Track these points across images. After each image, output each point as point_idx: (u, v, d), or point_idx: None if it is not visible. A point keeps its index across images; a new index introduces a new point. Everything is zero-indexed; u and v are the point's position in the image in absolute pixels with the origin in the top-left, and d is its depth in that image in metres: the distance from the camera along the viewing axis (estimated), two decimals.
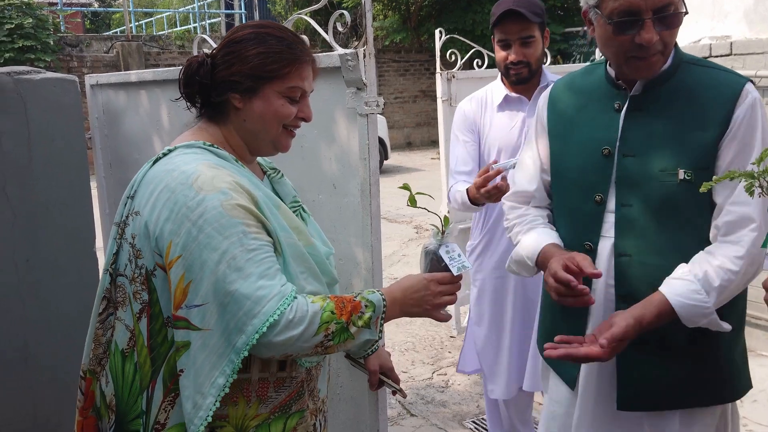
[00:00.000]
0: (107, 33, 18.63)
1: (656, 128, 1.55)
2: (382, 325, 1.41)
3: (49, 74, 2.32)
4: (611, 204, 1.61)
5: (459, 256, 1.51)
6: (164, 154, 1.41)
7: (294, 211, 1.56)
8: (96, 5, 23.50)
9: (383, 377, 1.74)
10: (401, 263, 6.43)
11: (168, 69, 2.80)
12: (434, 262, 1.52)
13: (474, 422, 3.41)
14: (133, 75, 3.03)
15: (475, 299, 2.81)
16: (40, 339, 2.30)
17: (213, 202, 1.28)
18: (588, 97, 1.69)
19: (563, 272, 1.51)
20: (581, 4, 1.61)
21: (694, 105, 1.52)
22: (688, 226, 1.53)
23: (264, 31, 1.42)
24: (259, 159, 1.61)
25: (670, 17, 1.48)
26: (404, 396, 1.80)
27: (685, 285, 1.47)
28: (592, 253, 1.64)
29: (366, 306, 1.38)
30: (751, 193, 1.19)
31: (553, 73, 2.69)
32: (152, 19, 20.72)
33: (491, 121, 2.61)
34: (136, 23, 19.36)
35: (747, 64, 3.82)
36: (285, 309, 1.26)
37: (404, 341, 4.49)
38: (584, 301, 1.53)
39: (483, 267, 2.75)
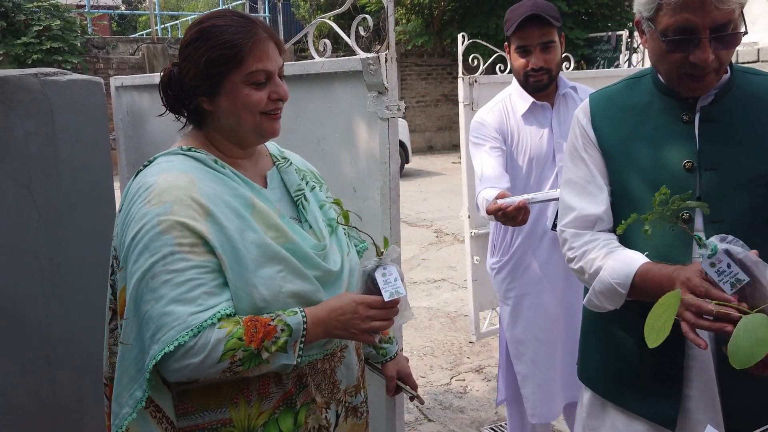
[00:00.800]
0: (133, 35, 18.88)
1: (734, 138, 1.51)
2: (301, 348, 1.35)
3: (75, 76, 2.35)
4: (699, 222, 1.50)
5: (395, 280, 1.42)
6: (145, 165, 1.43)
7: (296, 199, 1.54)
8: (123, 8, 23.82)
9: (400, 383, 1.73)
10: (421, 267, 6.42)
11: None
12: (369, 284, 1.43)
13: (492, 429, 3.38)
14: (157, 77, 3.06)
15: (509, 321, 2.67)
16: (63, 338, 2.32)
17: (151, 217, 1.28)
18: (643, 112, 1.60)
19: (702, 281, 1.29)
20: (635, 12, 1.54)
21: (762, 113, 1.51)
22: None
23: (207, 25, 1.39)
24: (271, 149, 1.61)
25: (728, 37, 1.42)
26: (421, 402, 1.79)
27: None
28: None
29: (282, 330, 1.32)
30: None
31: (572, 78, 2.66)
32: (178, 22, 20.95)
33: (518, 131, 2.53)
34: (162, 26, 19.59)
35: None
36: (185, 340, 1.24)
37: (423, 346, 4.47)
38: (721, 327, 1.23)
39: (517, 285, 2.61)
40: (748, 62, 3.91)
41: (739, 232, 1.34)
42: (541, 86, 2.48)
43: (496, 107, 2.61)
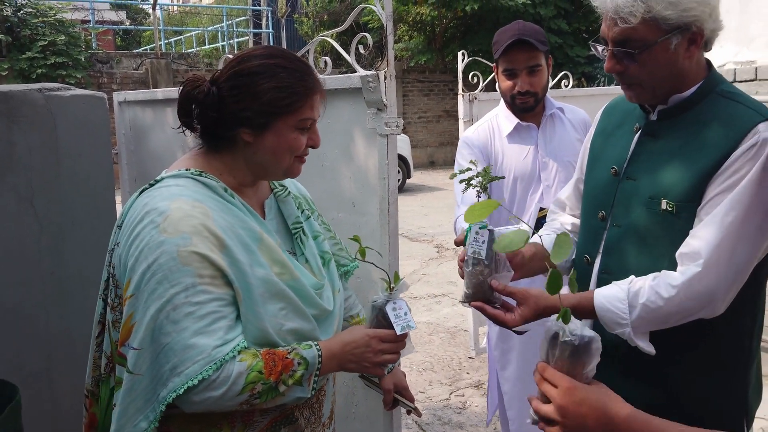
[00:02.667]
0: (137, 50, 19.03)
1: (659, 156, 1.54)
2: (316, 381, 1.37)
3: (79, 91, 2.38)
4: (609, 222, 1.62)
5: (405, 314, 1.46)
6: (151, 185, 1.38)
7: (294, 233, 1.54)
8: (127, 23, 24.03)
9: (398, 396, 1.74)
10: (421, 282, 6.42)
11: None
12: (379, 318, 1.46)
13: None
14: (160, 93, 3.10)
15: (497, 340, 2.70)
16: (63, 352, 2.33)
17: (170, 246, 1.25)
18: (624, 118, 1.69)
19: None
20: None
21: (701, 137, 1.47)
22: (666, 257, 1.49)
23: (274, 62, 1.38)
24: None
25: (625, 52, 1.46)
26: (419, 415, 1.80)
27: (615, 290, 1.47)
28: (590, 266, 1.67)
29: (299, 363, 1.33)
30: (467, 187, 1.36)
31: (559, 97, 2.69)
32: (182, 37, 21.12)
33: (503, 150, 2.59)
34: (166, 41, 19.76)
35: None
36: (209, 373, 1.23)
37: (422, 361, 4.46)
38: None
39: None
40: (746, 80, 3.94)
41: (627, 238, 1.54)
42: (527, 108, 2.53)
43: (482, 126, 2.66)
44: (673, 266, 1.47)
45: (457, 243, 1.91)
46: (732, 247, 1.40)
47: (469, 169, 1.63)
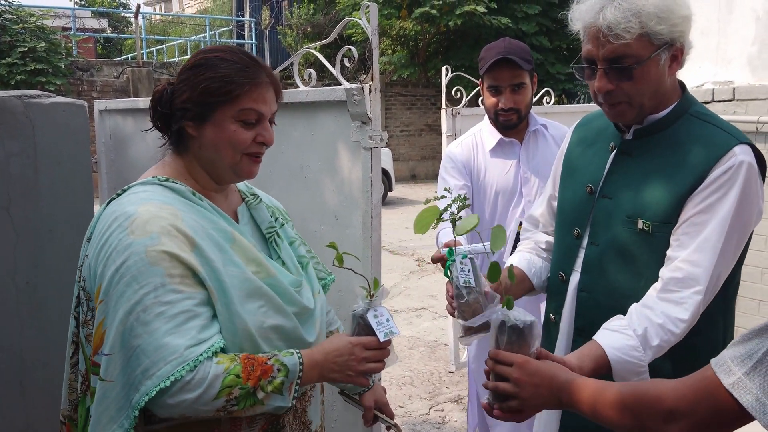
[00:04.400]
0: (118, 59, 18.90)
1: (635, 175, 1.55)
2: (297, 391, 1.33)
3: (59, 99, 2.35)
4: (585, 240, 1.63)
5: (387, 321, 1.44)
6: (118, 194, 1.38)
7: (269, 238, 1.52)
8: (109, 31, 23.87)
9: (378, 413, 1.73)
10: (402, 295, 6.41)
11: None
12: (361, 326, 1.44)
13: None
14: (141, 102, 3.07)
15: (475, 354, 2.70)
16: (37, 363, 2.28)
17: (139, 247, 1.23)
18: (597, 136, 1.71)
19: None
20: None
21: (678, 158, 1.49)
22: (643, 276, 1.51)
23: (215, 55, 1.39)
24: (239, 186, 1.58)
25: (623, 69, 1.46)
26: (399, 431, 1.78)
27: (623, 339, 1.43)
28: (565, 284, 1.68)
29: (278, 370, 1.30)
30: (438, 221, 1.36)
31: (541, 113, 2.72)
32: (164, 46, 21.03)
33: (485, 165, 2.61)
34: (148, 50, 19.65)
35: (749, 110, 3.85)
36: (182, 374, 1.20)
37: (402, 375, 4.44)
38: None
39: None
40: (724, 100, 4.01)
41: (605, 257, 1.55)
42: (510, 125, 2.55)
43: (466, 141, 2.69)
44: (649, 284, 1.49)
45: (434, 260, 1.89)
46: (718, 270, 1.45)
47: (444, 197, 1.58)
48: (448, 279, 1.50)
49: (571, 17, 1.53)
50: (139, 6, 15.58)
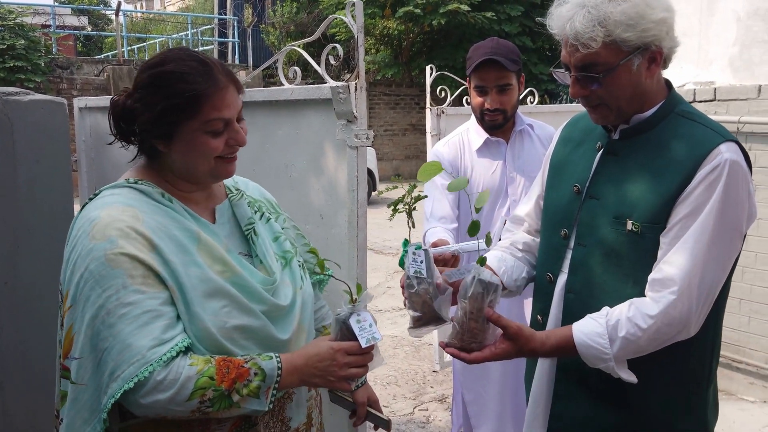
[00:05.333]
0: (99, 56, 18.69)
1: (623, 175, 1.54)
2: (274, 395, 1.33)
3: (38, 96, 2.31)
4: (572, 241, 1.63)
5: (370, 326, 1.43)
6: (90, 199, 1.39)
7: (246, 233, 1.51)
8: (89, 29, 23.60)
9: (371, 409, 1.71)
10: (386, 295, 6.40)
11: None
12: (344, 330, 1.43)
13: None
14: None
15: None
16: (17, 364, 2.24)
17: (98, 252, 1.25)
18: (585, 136, 1.70)
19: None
20: None
21: (664, 158, 1.49)
22: (631, 277, 1.51)
23: (162, 70, 1.34)
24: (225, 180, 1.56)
25: (589, 77, 1.48)
26: (389, 429, 1.76)
27: (593, 325, 1.47)
28: (552, 285, 1.67)
29: (255, 374, 1.30)
30: (395, 213, 1.44)
31: (525, 113, 2.73)
32: (145, 44, 20.83)
33: (472, 165, 2.61)
34: (129, 48, 19.46)
35: (730, 110, 3.90)
36: (147, 375, 1.21)
37: (386, 375, 4.44)
38: None
39: None
40: (705, 101, 4.05)
41: (593, 258, 1.55)
42: (496, 126, 2.56)
43: (452, 141, 2.69)
44: (638, 286, 1.49)
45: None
46: (702, 271, 1.42)
47: (420, 197, 1.60)
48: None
49: (548, 24, 1.54)
50: (119, 3, 15.42)
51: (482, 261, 1.50)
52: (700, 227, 1.41)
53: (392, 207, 1.50)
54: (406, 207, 1.50)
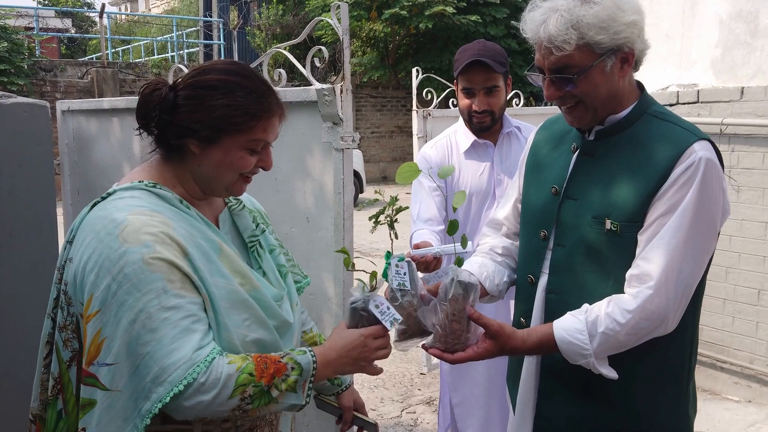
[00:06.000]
0: (83, 59, 18.54)
1: (599, 175, 1.57)
2: (310, 389, 1.34)
3: (20, 99, 2.28)
4: (551, 242, 1.64)
5: (388, 308, 1.46)
6: (103, 198, 1.35)
7: (251, 247, 1.51)
8: (73, 31, 23.40)
9: (357, 413, 1.70)
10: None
11: None
12: (364, 317, 1.44)
13: None
14: (106, 102, 3.00)
15: None
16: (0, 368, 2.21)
17: (134, 255, 1.22)
18: (561, 138, 1.72)
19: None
20: None
21: (640, 158, 1.51)
22: (611, 275, 1.52)
23: (233, 80, 1.36)
24: None
25: (564, 78, 1.51)
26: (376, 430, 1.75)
27: (573, 322, 1.50)
28: (533, 286, 1.68)
29: (292, 368, 1.31)
30: (376, 225, 1.44)
31: (512, 115, 2.74)
32: (130, 46, 20.70)
33: (459, 167, 2.62)
34: (113, 50, 19.32)
35: (713, 112, 3.93)
36: (194, 377, 1.20)
37: (373, 378, 4.42)
38: None
39: None
40: (688, 103, 4.08)
41: (573, 258, 1.57)
42: (484, 127, 2.56)
43: (440, 142, 2.69)
44: (619, 284, 1.50)
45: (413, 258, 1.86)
46: (679, 266, 1.45)
47: (399, 208, 1.59)
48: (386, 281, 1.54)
49: (521, 27, 1.56)
50: (103, 5, 15.31)
51: (459, 262, 1.52)
52: (676, 224, 1.44)
53: (373, 219, 1.51)
54: (388, 219, 1.50)
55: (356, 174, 11.95)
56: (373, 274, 1.50)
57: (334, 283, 1.98)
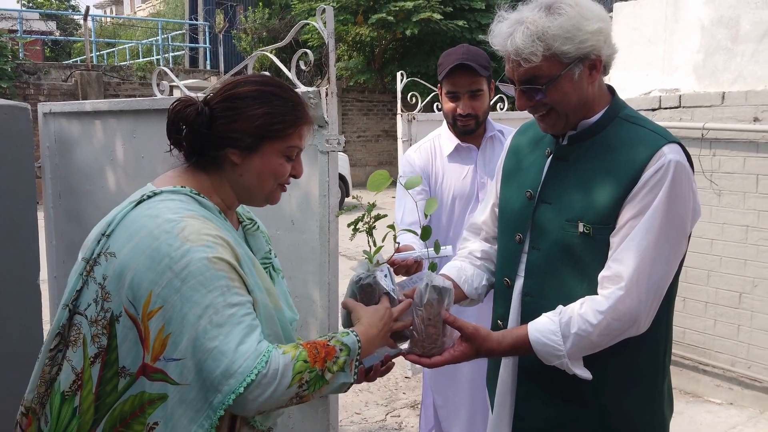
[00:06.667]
0: (67, 62, 18.39)
1: (573, 179, 1.59)
2: (357, 366, 1.40)
3: (0, 101, 2.26)
4: (527, 245, 1.66)
5: (393, 277, 1.53)
6: (148, 197, 1.37)
7: (264, 268, 1.55)
8: (57, 34, 23.21)
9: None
10: None
11: (125, 100, 2.76)
12: (372, 292, 1.52)
13: None
14: (88, 104, 2.98)
15: None
16: None
17: (198, 254, 1.26)
18: (536, 143, 1.74)
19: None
20: None
21: (611, 161, 1.53)
22: (586, 278, 1.54)
23: (269, 90, 1.42)
24: (238, 207, 1.59)
25: (534, 89, 1.54)
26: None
27: (547, 323, 1.52)
28: (510, 289, 1.70)
29: (341, 350, 1.36)
30: (355, 232, 1.46)
31: (495, 119, 2.75)
32: (115, 49, 20.56)
33: (443, 170, 2.64)
34: (98, 53, 19.18)
35: (695, 117, 3.98)
36: (261, 368, 1.24)
37: None
38: None
39: None
40: (670, 107, 4.13)
41: (548, 261, 1.60)
42: (468, 131, 2.58)
43: (424, 146, 2.71)
44: (593, 287, 1.52)
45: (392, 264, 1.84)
46: (650, 267, 1.47)
47: (379, 217, 1.62)
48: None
49: (489, 40, 1.58)
50: (88, 8, 15.21)
51: (433, 267, 1.54)
52: (647, 225, 1.46)
53: (352, 227, 1.54)
54: (366, 226, 1.53)
55: (342, 178, 11.93)
56: (378, 249, 1.55)
57: (320, 286, 1.97)
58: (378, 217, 1.56)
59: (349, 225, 1.56)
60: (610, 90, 1.65)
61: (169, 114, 1.42)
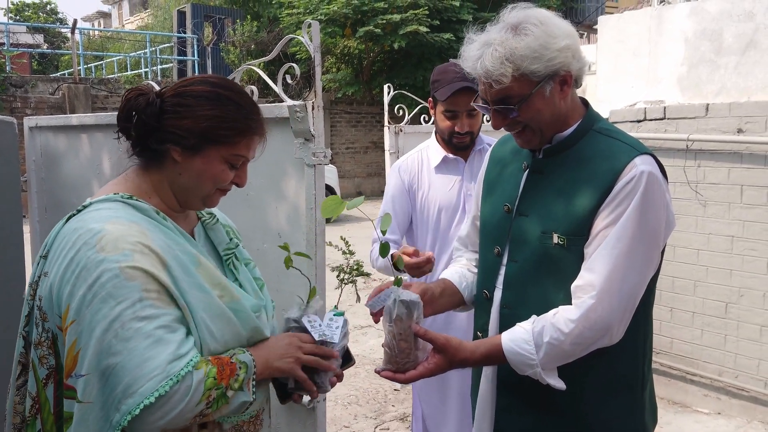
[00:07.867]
0: (55, 75, 18.32)
1: (548, 192, 1.61)
2: (254, 385, 1.35)
3: None
4: (505, 258, 1.68)
5: (320, 325, 1.50)
6: (78, 211, 1.34)
7: (227, 260, 1.52)
8: (44, 47, 23.13)
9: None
10: (348, 313, 6.32)
11: (111, 114, 2.76)
12: (295, 329, 1.50)
13: None
14: (74, 118, 2.97)
15: None
16: None
17: (111, 264, 1.21)
18: (513, 157, 1.77)
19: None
20: None
21: (584, 173, 1.55)
22: (562, 289, 1.55)
23: (225, 93, 1.38)
24: None
25: (506, 108, 1.56)
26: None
27: (520, 332, 1.52)
28: (489, 302, 1.71)
29: (240, 368, 1.32)
30: (341, 280, 1.37)
31: (488, 132, 2.78)
32: (102, 62, 20.51)
33: (429, 182, 2.67)
34: (86, 66, 19.13)
35: (680, 128, 4.02)
36: (166, 390, 1.18)
37: (347, 394, 4.40)
38: None
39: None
40: (655, 119, 4.17)
41: (526, 273, 1.61)
42: (463, 146, 2.62)
43: (412, 157, 2.74)
44: (569, 298, 1.53)
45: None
46: (622, 277, 1.48)
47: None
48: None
49: (461, 64, 1.60)
50: (75, 21, 15.17)
51: (398, 282, 1.55)
52: (618, 234, 1.47)
53: (337, 276, 1.56)
54: (349, 278, 1.54)
55: (331, 189, 11.94)
56: (313, 290, 1.54)
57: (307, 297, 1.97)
58: (360, 273, 1.58)
59: (333, 269, 1.58)
60: (584, 102, 1.67)
61: (122, 100, 1.39)
